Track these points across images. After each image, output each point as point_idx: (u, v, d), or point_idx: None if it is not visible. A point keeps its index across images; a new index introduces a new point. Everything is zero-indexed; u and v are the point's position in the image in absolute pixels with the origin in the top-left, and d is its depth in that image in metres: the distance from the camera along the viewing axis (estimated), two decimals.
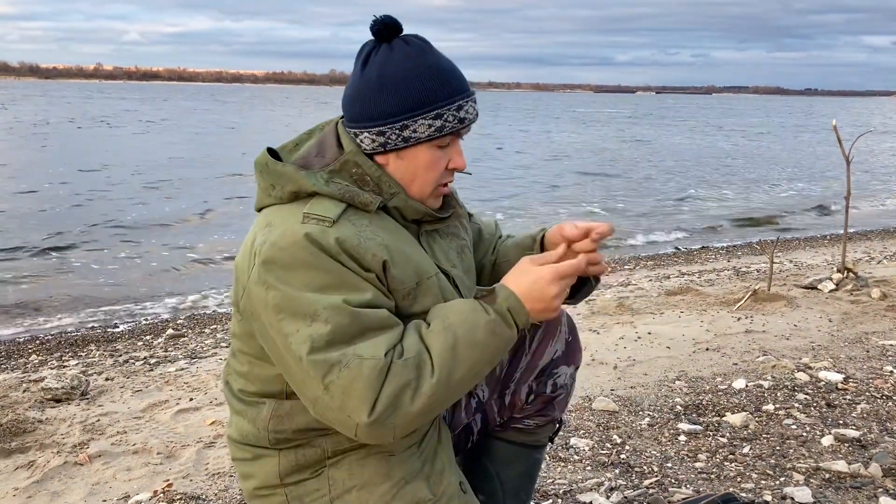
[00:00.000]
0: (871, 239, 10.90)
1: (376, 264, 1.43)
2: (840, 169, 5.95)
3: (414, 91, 1.46)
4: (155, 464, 2.87)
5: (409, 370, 1.36)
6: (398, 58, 1.48)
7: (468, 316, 1.43)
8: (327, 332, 1.34)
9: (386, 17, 1.50)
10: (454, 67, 1.53)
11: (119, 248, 10.27)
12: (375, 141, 1.49)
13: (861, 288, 5.54)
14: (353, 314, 1.36)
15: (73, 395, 3.66)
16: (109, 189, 15.79)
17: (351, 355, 1.34)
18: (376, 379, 1.33)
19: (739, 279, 6.87)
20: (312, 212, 1.44)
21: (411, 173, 1.52)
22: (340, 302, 1.36)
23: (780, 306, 5.12)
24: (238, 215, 13.17)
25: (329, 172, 1.50)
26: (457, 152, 1.55)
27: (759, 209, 15.27)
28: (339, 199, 1.47)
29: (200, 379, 4.03)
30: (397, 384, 1.35)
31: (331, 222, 1.42)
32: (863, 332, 4.52)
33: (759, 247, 9.98)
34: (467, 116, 1.52)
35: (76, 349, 5.74)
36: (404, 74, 1.47)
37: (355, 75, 1.52)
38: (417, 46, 1.50)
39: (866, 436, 2.95)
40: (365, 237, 1.44)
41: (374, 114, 1.48)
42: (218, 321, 6.66)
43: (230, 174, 18.62)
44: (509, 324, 1.44)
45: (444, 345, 1.39)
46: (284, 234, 1.41)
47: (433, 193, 1.57)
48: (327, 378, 1.34)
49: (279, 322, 1.39)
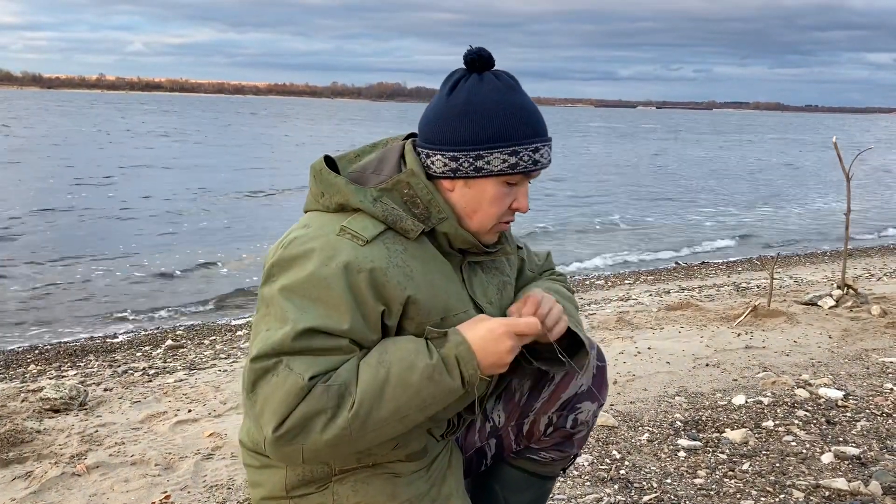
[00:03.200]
0: (872, 255, 10.90)
1: (397, 295, 1.43)
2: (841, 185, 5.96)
3: (496, 124, 1.46)
4: (153, 475, 2.86)
5: (329, 398, 1.33)
6: (486, 90, 1.48)
7: (407, 355, 1.39)
8: (278, 340, 1.36)
9: (481, 49, 1.51)
10: (537, 111, 1.52)
11: (120, 259, 10.27)
12: (447, 165, 1.49)
13: (861, 304, 5.54)
14: (311, 338, 1.36)
15: (72, 406, 3.65)
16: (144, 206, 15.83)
17: (283, 366, 1.34)
18: (294, 396, 1.32)
19: (739, 295, 6.87)
20: (350, 227, 1.44)
21: (475, 204, 1.51)
22: (312, 323, 1.36)
23: (780, 322, 5.12)
24: (252, 228, 13.18)
25: (380, 190, 1.49)
26: (523, 193, 1.54)
27: (761, 225, 15.30)
28: (382, 221, 1.47)
29: (199, 390, 4.02)
30: (312, 408, 1.33)
31: (364, 241, 1.42)
32: (863, 348, 4.52)
33: (759, 262, 9.99)
34: (541, 160, 1.51)
35: (75, 359, 5.74)
36: (490, 106, 1.47)
37: (440, 99, 1.52)
38: (507, 83, 1.50)
39: (866, 453, 2.94)
40: (394, 264, 1.44)
41: (453, 139, 1.48)
42: (217, 332, 6.65)
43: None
44: (451, 372, 1.40)
45: (373, 380, 1.36)
46: (315, 238, 1.43)
47: (492, 229, 1.56)
48: (257, 383, 1.36)
49: (262, 317, 1.43)
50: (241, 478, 2.83)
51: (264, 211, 15.30)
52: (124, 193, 16.81)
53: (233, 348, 5.74)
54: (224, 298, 8.45)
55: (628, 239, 13.24)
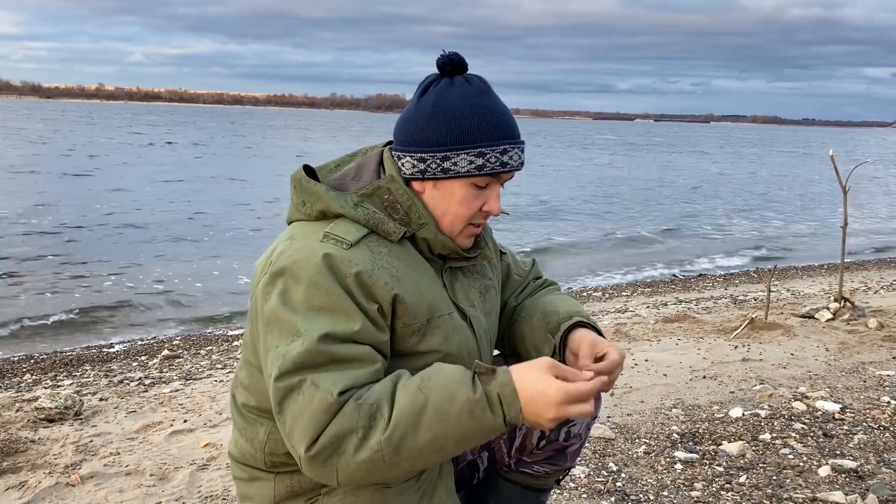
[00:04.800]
0: (868, 269, 10.91)
1: (385, 295, 1.42)
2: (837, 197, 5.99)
3: (462, 125, 1.46)
4: (147, 486, 2.85)
5: (360, 416, 1.30)
6: (456, 92, 1.49)
7: (449, 384, 1.34)
8: (297, 355, 1.34)
9: (453, 54, 1.51)
10: (508, 113, 1.53)
11: (120, 267, 10.26)
12: (416, 166, 1.49)
13: (858, 317, 5.55)
14: (329, 346, 1.34)
15: (67, 415, 3.64)
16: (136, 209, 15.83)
17: (309, 383, 1.32)
18: (323, 413, 1.30)
19: (737, 307, 6.87)
20: (333, 232, 1.45)
21: (444, 206, 1.51)
22: (324, 330, 1.35)
23: (777, 335, 5.12)
24: (248, 236, 13.17)
25: (360, 196, 1.50)
26: (493, 196, 1.53)
27: (762, 237, 15.32)
28: (364, 224, 1.48)
29: (195, 400, 4.01)
30: (342, 427, 1.29)
31: (348, 244, 1.43)
32: (860, 361, 4.52)
33: (756, 275, 10.00)
34: (510, 162, 1.50)
35: (71, 369, 5.71)
36: (457, 108, 1.47)
37: (412, 103, 1.53)
38: (477, 86, 1.51)
39: (863, 466, 2.94)
40: (379, 265, 1.44)
41: (419, 139, 1.49)
42: (214, 342, 6.64)
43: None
44: (494, 410, 1.34)
45: (410, 405, 1.32)
46: (301, 249, 1.43)
47: (463, 232, 1.55)
48: (284, 402, 1.34)
49: (266, 335, 1.41)
50: (235, 489, 2.81)
51: (261, 222, 15.29)
52: (146, 203, 16.81)
53: (229, 358, 5.72)
54: (220, 308, 8.44)
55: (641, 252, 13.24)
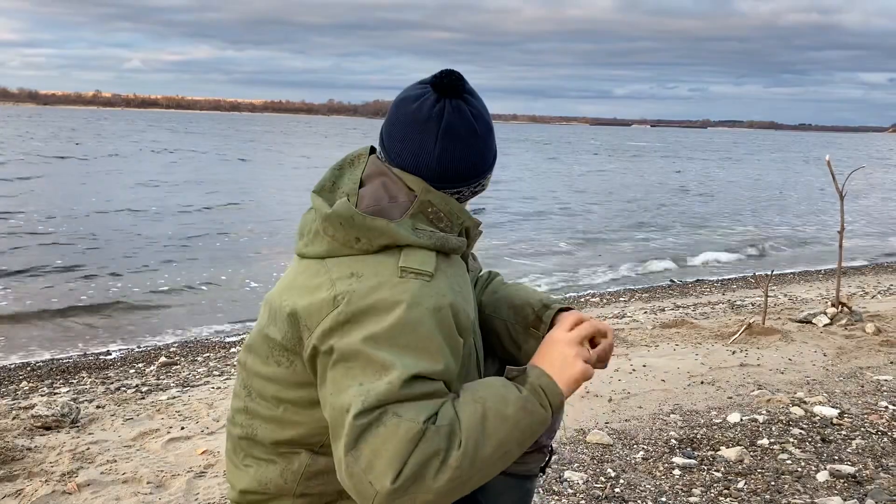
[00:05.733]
0: (866, 274, 10.93)
1: (467, 323, 1.45)
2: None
3: (493, 147, 1.58)
4: (144, 493, 2.84)
5: (441, 438, 1.30)
6: (476, 114, 1.53)
7: (499, 390, 1.40)
8: (384, 391, 1.30)
9: (451, 73, 1.54)
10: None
11: (118, 274, 10.24)
12: (461, 193, 1.57)
13: (855, 322, 5.55)
14: (414, 385, 1.32)
15: (64, 423, 3.63)
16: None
17: (391, 414, 1.29)
18: (409, 442, 1.27)
19: (734, 312, 6.88)
20: (409, 265, 1.41)
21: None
22: (413, 371, 1.32)
23: (774, 340, 5.12)
24: (253, 247, 13.16)
25: (411, 217, 1.47)
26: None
27: (754, 241, 15.33)
28: (431, 248, 1.45)
29: (192, 407, 4.00)
30: (427, 451, 1.28)
31: (430, 276, 1.41)
32: (857, 366, 4.52)
33: (753, 280, 10.00)
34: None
35: (67, 376, 5.70)
36: (488, 132, 1.55)
37: (423, 132, 1.49)
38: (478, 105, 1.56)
39: (861, 472, 2.94)
40: (457, 291, 1.45)
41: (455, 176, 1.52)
42: (211, 349, 6.62)
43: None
44: (542, 402, 1.41)
45: (473, 416, 1.34)
46: (379, 287, 1.37)
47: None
48: (361, 437, 1.29)
49: (346, 370, 1.35)
50: None
51: (258, 227, 15.28)
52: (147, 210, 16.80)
53: (226, 365, 5.71)
54: (218, 315, 8.42)
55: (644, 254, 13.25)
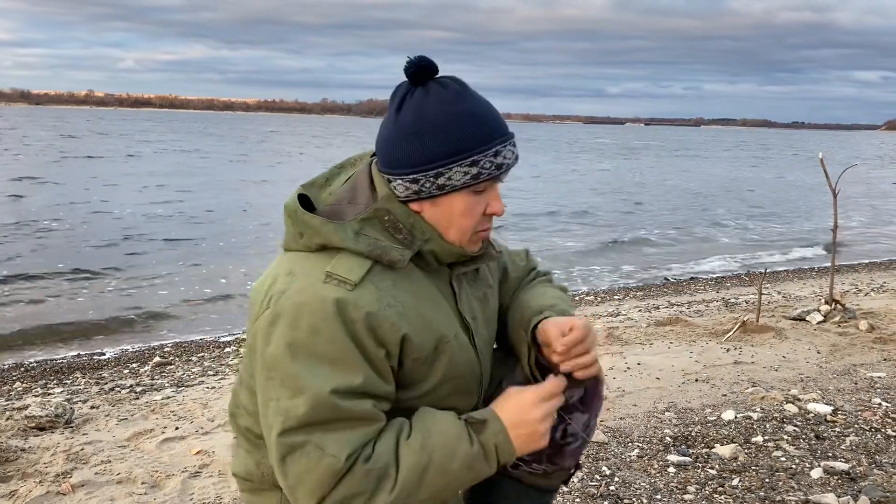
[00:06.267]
0: (859, 271, 10.97)
1: (393, 337, 1.39)
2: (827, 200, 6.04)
3: (449, 138, 1.40)
4: (139, 494, 2.83)
5: (368, 480, 1.32)
6: (433, 102, 1.41)
7: (450, 442, 1.38)
8: (302, 414, 1.31)
9: (421, 59, 1.43)
10: (491, 110, 1.46)
11: (110, 275, 10.21)
12: (409, 188, 1.43)
13: (849, 320, 5.57)
14: (334, 404, 1.32)
15: (58, 424, 3.62)
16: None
17: (313, 445, 1.31)
18: (330, 478, 1.30)
19: (728, 310, 6.89)
20: (335, 272, 1.39)
21: (447, 220, 1.46)
22: (328, 387, 1.32)
23: (768, 338, 5.13)
24: (251, 246, 13.13)
25: (360, 221, 1.44)
26: (494, 197, 1.48)
27: (750, 240, 15.38)
28: (367, 256, 1.42)
29: (187, 407, 3.99)
30: (351, 490, 1.31)
31: (352, 285, 1.37)
32: (851, 363, 4.53)
33: (747, 278, 10.03)
34: (505, 162, 1.45)
35: (61, 377, 5.68)
36: (439, 120, 1.40)
37: (389, 119, 1.45)
38: (454, 90, 1.43)
39: (855, 468, 2.95)
40: (385, 304, 1.39)
41: (408, 161, 1.42)
42: (205, 349, 6.61)
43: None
44: (490, 461, 1.40)
45: (415, 465, 1.35)
46: (303, 290, 1.37)
47: (471, 240, 1.51)
48: (287, 458, 1.33)
49: (267, 381, 1.37)
50: (228, 496, 2.80)
51: (254, 226, 15.25)
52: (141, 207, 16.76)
53: (221, 365, 5.70)
54: (212, 315, 8.41)
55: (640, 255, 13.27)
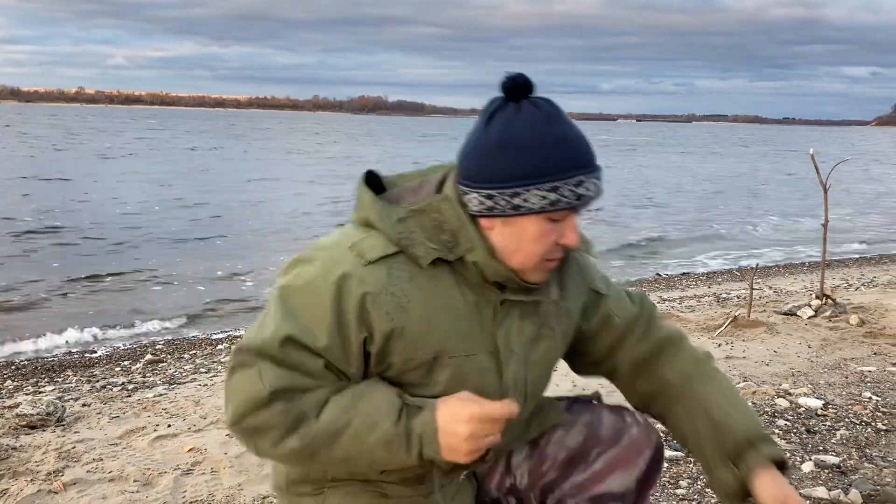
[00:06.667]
0: (849, 266, 11.03)
1: (380, 325, 1.37)
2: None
3: (532, 158, 1.34)
4: (131, 492, 2.82)
5: (285, 419, 1.34)
6: (523, 121, 1.36)
7: (375, 412, 1.35)
8: (260, 343, 1.37)
9: (519, 76, 1.38)
10: (581, 139, 1.40)
11: (103, 272, 10.17)
12: (483, 204, 1.38)
13: (839, 314, 5.60)
14: (286, 350, 1.36)
15: (49, 422, 3.60)
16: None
17: (255, 370, 1.36)
18: (252, 403, 1.35)
19: (720, 305, 6.92)
20: (360, 244, 1.40)
21: (516, 243, 1.39)
22: (288, 332, 1.36)
23: (759, 332, 5.15)
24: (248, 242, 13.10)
25: (410, 211, 1.42)
26: (570, 227, 1.40)
27: (739, 235, 15.44)
28: (395, 243, 1.40)
29: (179, 405, 3.98)
30: (266, 421, 1.35)
31: (367, 262, 1.37)
32: (841, 358, 4.56)
33: (739, 273, 10.08)
34: (586, 194, 1.37)
35: (53, 374, 5.66)
36: (526, 140, 1.35)
37: (475, 131, 1.42)
38: (546, 112, 1.37)
39: (846, 462, 2.97)
40: (390, 291, 1.37)
41: (487, 176, 1.37)
42: (198, 346, 6.60)
43: None
44: (411, 449, 1.35)
45: (332, 422, 1.35)
46: (329, 247, 1.43)
47: (537, 267, 1.43)
48: (234, 370, 1.39)
49: (265, 308, 1.44)
50: (220, 493, 2.80)
51: (260, 223, 15.21)
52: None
53: (213, 362, 5.69)
54: (204, 312, 8.39)
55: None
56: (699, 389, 1.62)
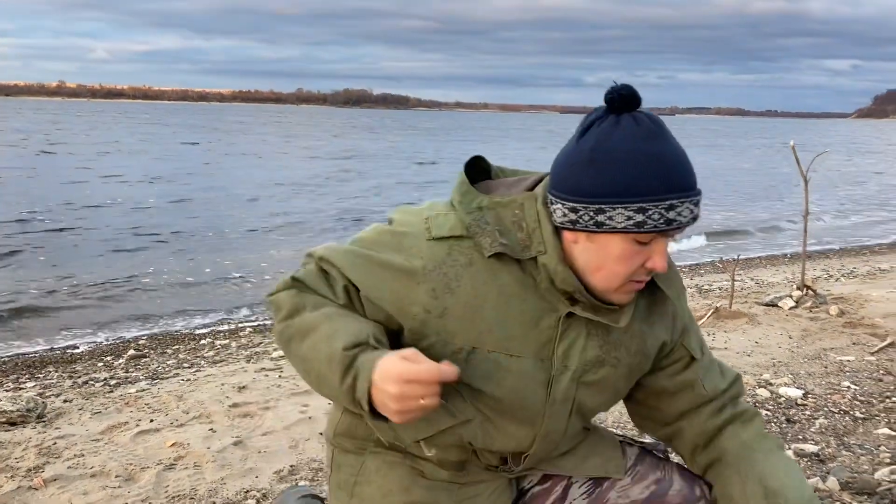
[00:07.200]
0: (830, 257, 11.12)
1: (420, 299, 1.36)
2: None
3: (622, 175, 1.27)
4: (113, 487, 2.81)
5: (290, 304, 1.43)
6: (620, 135, 1.29)
7: (343, 330, 1.32)
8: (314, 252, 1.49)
9: (625, 88, 1.31)
10: (682, 160, 1.31)
11: (85, 267, 10.09)
12: (567, 216, 1.32)
13: (820, 305, 5.66)
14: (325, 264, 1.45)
15: (29, 418, 3.58)
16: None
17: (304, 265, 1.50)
18: (281, 283, 1.47)
19: (702, 297, 6.96)
20: (434, 219, 1.41)
21: (599, 260, 1.33)
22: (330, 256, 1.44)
23: (741, 323, 5.20)
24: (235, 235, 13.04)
25: (494, 202, 1.39)
26: (658, 252, 1.33)
27: (722, 226, 15.53)
28: (466, 228, 1.38)
29: (161, 400, 3.96)
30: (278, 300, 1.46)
31: (431, 237, 1.37)
32: (821, 348, 4.61)
33: (720, 265, 10.13)
34: (678, 219, 1.28)
35: (34, 371, 5.61)
36: (619, 154, 1.28)
37: (571, 141, 1.37)
38: (647, 128, 1.30)
39: (824, 450, 3.00)
40: (442, 271, 1.35)
41: (574, 188, 1.31)
42: (181, 341, 6.57)
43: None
44: (346, 374, 1.28)
45: (310, 322, 1.38)
46: (413, 214, 1.45)
47: (620, 289, 1.37)
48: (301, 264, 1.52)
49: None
50: (203, 488, 2.79)
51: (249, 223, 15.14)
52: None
53: (196, 357, 5.67)
54: (187, 307, 8.35)
55: None
56: (758, 458, 1.53)
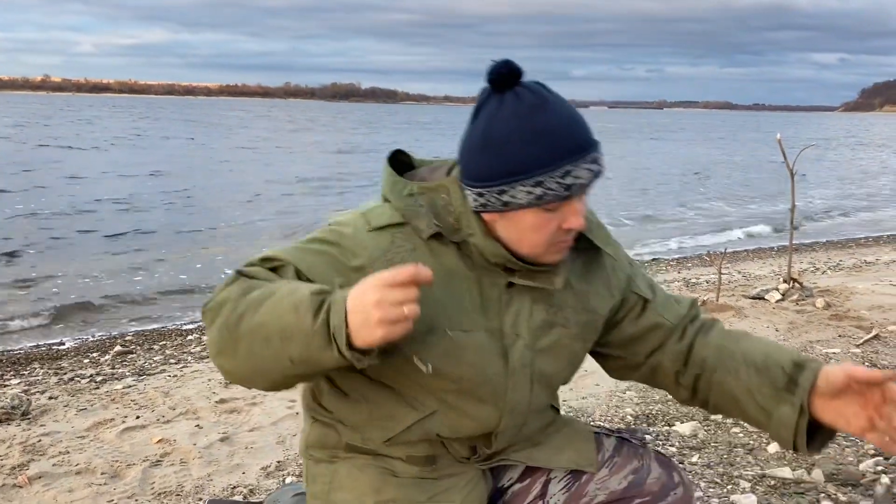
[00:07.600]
0: (817, 250, 11.19)
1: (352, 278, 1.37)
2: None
3: (513, 154, 1.31)
4: (98, 484, 2.79)
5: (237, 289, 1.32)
6: (505, 115, 1.33)
7: (303, 287, 1.29)
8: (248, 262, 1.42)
9: (502, 65, 1.34)
10: (569, 126, 1.34)
11: (72, 263, 10.03)
12: (477, 200, 1.38)
13: (806, 298, 5.69)
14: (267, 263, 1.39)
15: (14, 416, 3.55)
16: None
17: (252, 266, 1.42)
18: (221, 286, 1.35)
19: (689, 290, 6.99)
20: (370, 213, 1.43)
21: (518, 234, 1.38)
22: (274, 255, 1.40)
23: (728, 316, 5.22)
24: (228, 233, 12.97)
25: (421, 187, 1.42)
26: (571, 212, 1.36)
27: (715, 220, 15.60)
28: (401, 215, 1.41)
29: (148, 396, 3.94)
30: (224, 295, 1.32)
31: (371, 228, 1.40)
32: (808, 340, 4.63)
33: (708, 258, 10.17)
34: (577, 182, 1.32)
35: (19, 367, 5.57)
36: (507, 135, 1.32)
37: (467, 127, 1.41)
38: (528, 102, 1.33)
39: None
40: (387, 259, 1.37)
41: (475, 174, 1.36)
42: (168, 337, 6.53)
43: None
44: (317, 313, 1.23)
45: (267, 290, 1.30)
46: (345, 214, 1.47)
47: (547, 252, 1.41)
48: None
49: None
50: (190, 484, 2.78)
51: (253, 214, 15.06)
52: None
53: (183, 353, 5.64)
54: (174, 303, 8.30)
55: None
56: (733, 349, 1.57)
